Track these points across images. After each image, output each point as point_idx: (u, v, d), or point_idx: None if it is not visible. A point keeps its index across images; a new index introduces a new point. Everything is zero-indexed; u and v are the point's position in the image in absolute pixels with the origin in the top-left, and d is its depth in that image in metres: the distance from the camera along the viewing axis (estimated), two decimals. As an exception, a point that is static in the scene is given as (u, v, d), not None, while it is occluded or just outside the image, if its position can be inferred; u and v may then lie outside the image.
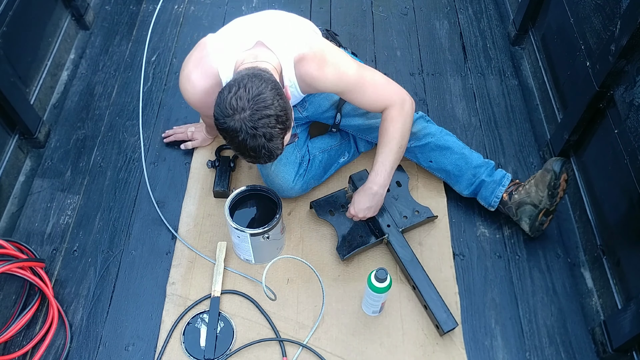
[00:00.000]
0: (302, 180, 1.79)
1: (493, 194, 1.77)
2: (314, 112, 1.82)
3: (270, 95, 1.29)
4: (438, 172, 1.85)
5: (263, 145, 1.31)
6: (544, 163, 1.71)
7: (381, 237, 1.75)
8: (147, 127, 2.09)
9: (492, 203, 1.78)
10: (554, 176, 1.63)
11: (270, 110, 1.28)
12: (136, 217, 1.86)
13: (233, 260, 1.76)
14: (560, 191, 1.66)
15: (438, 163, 1.81)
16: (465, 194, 1.83)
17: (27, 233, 1.82)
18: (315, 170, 1.83)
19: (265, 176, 1.80)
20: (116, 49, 2.34)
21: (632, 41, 1.48)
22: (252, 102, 1.27)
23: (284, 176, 1.76)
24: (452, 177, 1.82)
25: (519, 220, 1.76)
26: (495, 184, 1.77)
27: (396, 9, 2.53)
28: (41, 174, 1.96)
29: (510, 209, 1.76)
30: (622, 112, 1.59)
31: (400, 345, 1.61)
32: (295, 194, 1.81)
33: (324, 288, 1.70)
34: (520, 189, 1.73)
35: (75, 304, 1.68)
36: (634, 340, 1.46)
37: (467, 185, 1.80)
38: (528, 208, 1.71)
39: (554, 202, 1.68)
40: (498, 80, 2.25)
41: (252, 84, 1.28)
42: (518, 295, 1.72)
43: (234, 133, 1.29)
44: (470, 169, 1.78)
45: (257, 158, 1.35)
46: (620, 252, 1.61)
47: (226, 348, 1.59)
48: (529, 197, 1.70)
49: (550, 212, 1.71)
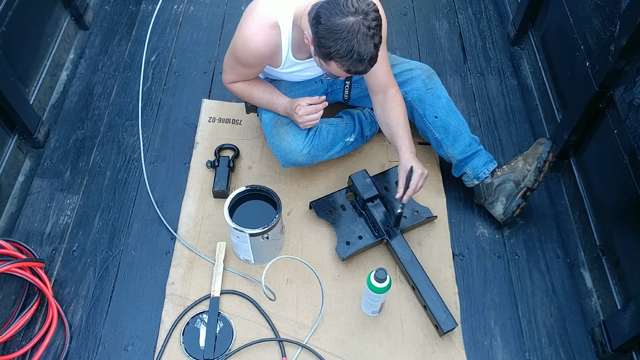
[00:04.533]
0: (310, 146, 1.78)
1: (485, 166, 1.80)
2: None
3: (378, 7, 1.47)
4: (438, 130, 1.83)
5: (373, 47, 1.40)
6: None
7: (381, 238, 1.74)
8: (147, 127, 2.09)
9: (480, 175, 1.80)
10: (547, 148, 1.72)
11: (380, 20, 1.42)
12: (135, 217, 1.86)
13: (232, 261, 1.76)
14: (543, 171, 1.73)
15: (443, 120, 1.82)
16: (458, 158, 1.82)
17: (27, 233, 1.82)
18: (324, 140, 1.82)
19: (274, 136, 1.78)
20: (115, 49, 2.34)
21: (631, 41, 1.48)
22: (369, 7, 1.38)
23: (295, 136, 1.76)
24: (449, 138, 1.82)
25: (494, 201, 1.78)
26: (489, 159, 1.82)
27: (396, 9, 2.53)
28: (40, 174, 1.95)
29: (489, 186, 1.78)
30: (621, 112, 1.59)
31: (399, 346, 1.61)
32: (302, 159, 1.78)
33: (324, 288, 1.70)
34: (504, 167, 1.78)
35: (75, 304, 1.68)
36: (633, 340, 1.46)
37: (462, 150, 1.81)
38: (509, 186, 1.75)
39: (537, 180, 1.73)
40: (497, 81, 2.25)
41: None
42: (517, 295, 1.72)
43: (349, 32, 1.36)
44: (469, 137, 1.82)
45: (361, 61, 1.41)
46: (620, 253, 1.61)
47: (225, 348, 1.59)
48: (513, 173, 1.75)
49: (526, 196, 1.75)
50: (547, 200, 1.91)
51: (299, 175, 1.95)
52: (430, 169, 1.92)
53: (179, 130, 2.08)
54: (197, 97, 2.17)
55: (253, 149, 1.98)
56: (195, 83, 2.23)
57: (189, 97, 2.18)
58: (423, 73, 1.85)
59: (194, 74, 2.26)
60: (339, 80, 1.92)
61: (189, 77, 2.25)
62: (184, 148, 2.03)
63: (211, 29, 2.43)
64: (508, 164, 1.79)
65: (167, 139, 2.06)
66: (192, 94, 2.19)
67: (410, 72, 1.85)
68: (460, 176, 1.86)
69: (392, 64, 1.86)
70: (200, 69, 2.28)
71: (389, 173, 1.91)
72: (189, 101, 2.17)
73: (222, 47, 2.36)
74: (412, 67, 1.86)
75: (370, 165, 1.96)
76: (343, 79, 1.74)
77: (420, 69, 1.86)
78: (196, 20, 2.46)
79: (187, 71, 2.27)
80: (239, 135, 2.05)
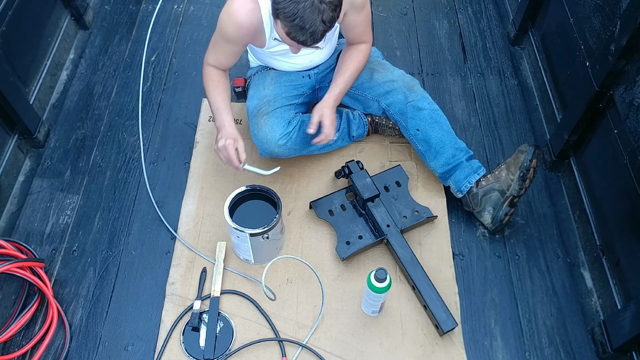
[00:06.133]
0: (288, 138, 1.80)
1: (466, 179, 1.79)
2: (321, 70, 1.92)
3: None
4: (420, 142, 1.84)
5: (320, 22, 1.41)
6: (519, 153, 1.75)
7: (381, 237, 1.74)
8: (147, 127, 2.09)
9: (463, 188, 1.79)
10: (528, 156, 1.70)
11: (338, 3, 1.43)
12: (136, 217, 1.86)
13: (232, 260, 1.76)
14: (528, 177, 1.71)
15: (424, 133, 1.82)
16: (439, 172, 1.83)
17: (27, 233, 1.82)
18: (303, 135, 1.83)
19: (253, 125, 1.82)
20: (116, 49, 2.34)
21: (631, 41, 1.48)
22: None
23: (273, 127, 1.79)
24: (431, 151, 1.82)
25: (481, 210, 1.78)
26: (471, 170, 1.80)
27: (396, 9, 2.53)
28: (41, 174, 1.95)
29: (475, 197, 1.78)
30: (621, 112, 1.59)
31: (399, 345, 1.61)
32: (278, 150, 1.81)
33: (324, 288, 1.70)
34: (489, 176, 1.77)
35: (75, 304, 1.68)
36: (633, 340, 1.46)
37: (444, 163, 1.81)
38: (494, 195, 1.74)
39: (522, 188, 1.72)
40: (498, 81, 2.25)
41: None
42: (518, 295, 1.72)
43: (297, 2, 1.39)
44: (452, 148, 1.81)
45: (302, 30, 1.42)
46: (620, 252, 1.61)
47: (226, 348, 1.59)
48: (497, 182, 1.74)
49: (514, 203, 1.74)
50: (547, 200, 1.91)
51: (299, 175, 1.95)
52: (429, 170, 1.92)
53: (179, 130, 2.08)
54: (197, 97, 2.17)
55: (253, 149, 1.98)
56: (195, 83, 2.23)
57: (189, 97, 2.18)
58: (404, 85, 1.85)
59: (194, 73, 2.26)
60: (329, 77, 1.93)
61: (189, 77, 2.25)
62: (184, 148, 2.03)
63: (211, 29, 2.40)
64: (492, 173, 1.77)
65: (167, 138, 2.06)
66: (192, 93, 2.19)
67: (392, 84, 1.85)
68: (448, 187, 1.86)
69: (377, 70, 1.89)
70: (200, 69, 2.25)
71: (389, 173, 1.91)
72: (189, 101, 2.17)
73: (222, 47, 2.36)
74: (394, 78, 1.87)
75: (371, 165, 1.96)
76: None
77: (402, 80, 1.86)
78: (196, 20, 2.46)
79: (187, 71, 2.27)
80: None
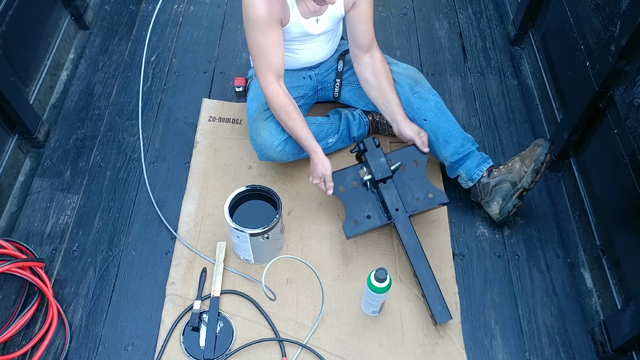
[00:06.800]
0: (285, 144, 1.80)
1: (478, 167, 1.79)
2: (323, 71, 1.94)
3: None
4: (429, 133, 1.83)
5: None
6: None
7: (389, 220, 1.70)
8: (147, 127, 2.09)
9: (474, 177, 1.79)
10: (544, 150, 1.71)
11: None
12: (136, 217, 1.86)
13: (232, 260, 1.76)
14: (540, 172, 1.73)
15: (432, 123, 1.81)
16: (450, 161, 1.82)
17: (27, 233, 1.82)
18: None
19: (253, 130, 1.81)
20: (116, 49, 2.34)
21: (631, 41, 1.48)
22: None
23: (271, 132, 1.78)
24: (440, 141, 1.82)
25: (490, 200, 1.78)
26: (482, 159, 1.80)
27: (396, 9, 2.53)
28: (41, 174, 1.95)
29: (486, 186, 1.78)
30: (621, 112, 1.59)
31: (399, 345, 1.61)
32: (276, 156, 1.81)
33: (324, 288, 1.70)
34: (501, 167, 1.78)
35: (75, 304, 1.68)
36: (633, 340, 1.46)
37: (454, 152, 1.81)
38: (506, 186, 1.75)
39: (534, 181, 1.72)
40: (498, 81, 2.25)
41: None
42: (518, 295, 1.72)
43: None
44: (460, 138, 1.81)
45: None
46: (620, 252, 1.61)
47: (226, 348, 1.59)
48: (510, 174, 1.75)
49: (522, 196, 1.75)
50: (547, 200, 1.91)
51: (299, 175, 1.95)
52: (430, 170, 1.92)
53: (179, 130, 2.08)
54: (197, 96, 2.18)
55: (253, 149, 1.98)
56: (195, 83, 2.23)
57: (189, 97, 2.18)
58: (409, 77, 1.85)
59: (194, 73, 2.26)
60: (330, 77, 1.94)
61: (189, 76, 2.25)
62: (184, 148, 2.03)
63: (211, 29, 2.43)
64: (505, 164, 1.78)
65: (167, 138, 2.06)
66: (192, 93, 2.19)
67: (398, 75, 1.85)
68: (456, 178, 1.86)
69: None
70: (201, 69, 2.28)
71: (407, 150, 1.80)
72: (189, 101, 2.17)
73: (222, 46, 2.36)
74: (398, 70, 1.87)
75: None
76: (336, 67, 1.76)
77: (407, 73, 1.86)
78: (196, 20, 2.46)
79: (187, 71, 2.27)
80: (238, 135, 2.05)
